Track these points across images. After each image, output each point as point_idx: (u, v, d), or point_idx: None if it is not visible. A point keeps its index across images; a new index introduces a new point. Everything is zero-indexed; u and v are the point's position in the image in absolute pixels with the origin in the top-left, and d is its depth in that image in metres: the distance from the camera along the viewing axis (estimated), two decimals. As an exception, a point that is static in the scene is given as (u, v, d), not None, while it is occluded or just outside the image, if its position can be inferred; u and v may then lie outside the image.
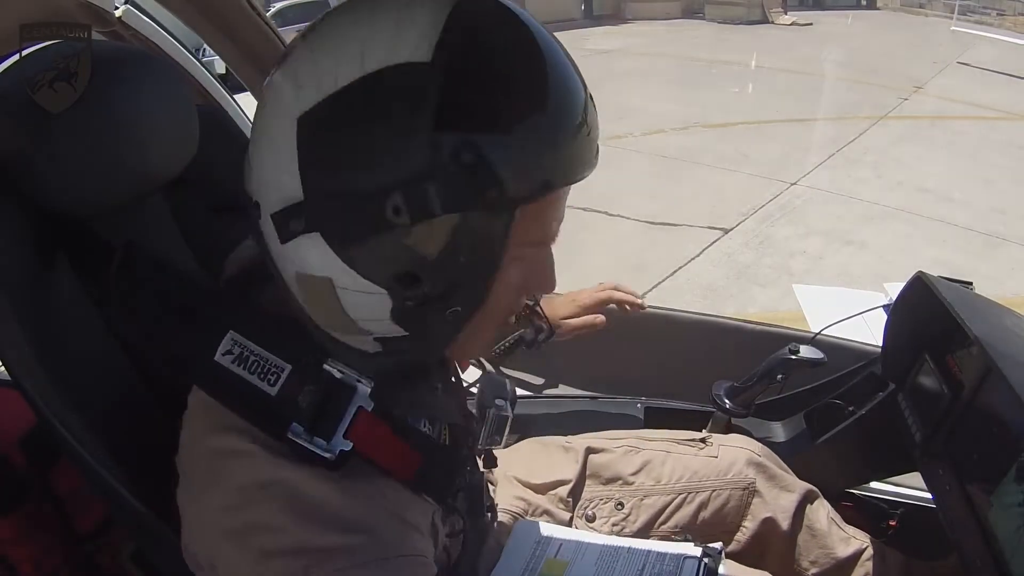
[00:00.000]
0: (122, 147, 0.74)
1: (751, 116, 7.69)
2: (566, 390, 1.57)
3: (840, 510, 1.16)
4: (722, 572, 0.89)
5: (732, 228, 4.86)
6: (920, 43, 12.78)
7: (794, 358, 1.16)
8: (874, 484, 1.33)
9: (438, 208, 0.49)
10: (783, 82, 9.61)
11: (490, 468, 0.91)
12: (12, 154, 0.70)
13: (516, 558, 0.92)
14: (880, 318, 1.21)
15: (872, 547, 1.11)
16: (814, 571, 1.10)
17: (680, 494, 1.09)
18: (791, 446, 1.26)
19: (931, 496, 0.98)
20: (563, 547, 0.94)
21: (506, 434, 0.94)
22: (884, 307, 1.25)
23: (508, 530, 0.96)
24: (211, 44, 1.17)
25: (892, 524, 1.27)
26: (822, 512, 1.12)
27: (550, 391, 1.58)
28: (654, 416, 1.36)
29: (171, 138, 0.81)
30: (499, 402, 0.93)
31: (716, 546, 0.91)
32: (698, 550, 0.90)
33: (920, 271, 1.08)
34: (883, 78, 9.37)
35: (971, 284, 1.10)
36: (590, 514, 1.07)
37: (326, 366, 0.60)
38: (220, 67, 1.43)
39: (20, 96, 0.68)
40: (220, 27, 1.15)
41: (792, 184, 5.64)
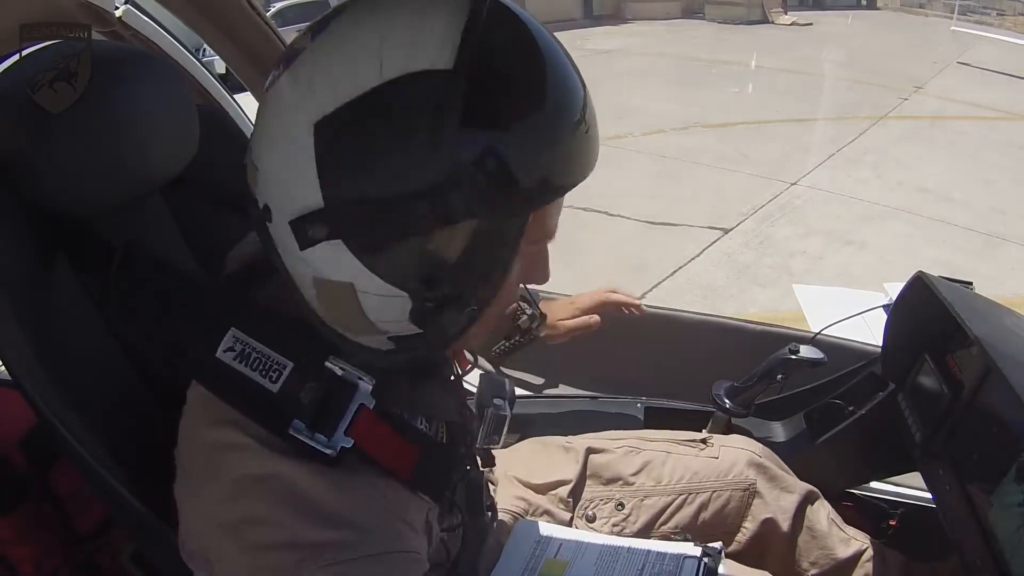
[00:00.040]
0: (122, 147, 0.74)
1: (751, 116, 7.69)
2: (566, 390, 1.57)
3: (840, 510, 1.16)
4: (722, 572, 0.89)
5: (732, 228, 4.86)
6: (920, 43, 12.78)
7: (794, 358, 1.16)
8: (874, 484, 1.32)
9: (462, 213, 0.51)
10: (783, 82, 9.61)
11: (488, 467, 0.91)
12: (12, 154, 0.70)
13: (516, 558, 0.92)
14: (880, 318, 1.21)
15: (872, 548, 1.11)
16: (814, 572, 1.10)
17: (680, 495, 1.09)
18: (791, 446, 1.26)
19: (931, 496, 0.98)
20: (563, 547, 0.94)
21: (504, 433, 0.94)
22: (884, 307, 1.25)
23: (508, 530, 0.96)
24: (211, 44, 1.17)
25: (892, 524, 1.27)
26: (822, 513, 1.12)
27: (550, 391, 1.58)
28: (654, 416, 1.36)
29: (171, 138, 0.80)
30: (497, 401, 0.94)
31: (716, 546, 0.91)
32: (698, 550, 0.90)
33: (920, 271, 1.08)
34: (883, 78, 9.37)
35: (971, 284, 1.10)
36: (590, 514, 1.07)
37: (328, 363, 0.60)
38: (220, 67, 1.43)
39: (20, 96, 0.68)
40: (220, 27, 1.15)
41: (792, 184, 5.64)
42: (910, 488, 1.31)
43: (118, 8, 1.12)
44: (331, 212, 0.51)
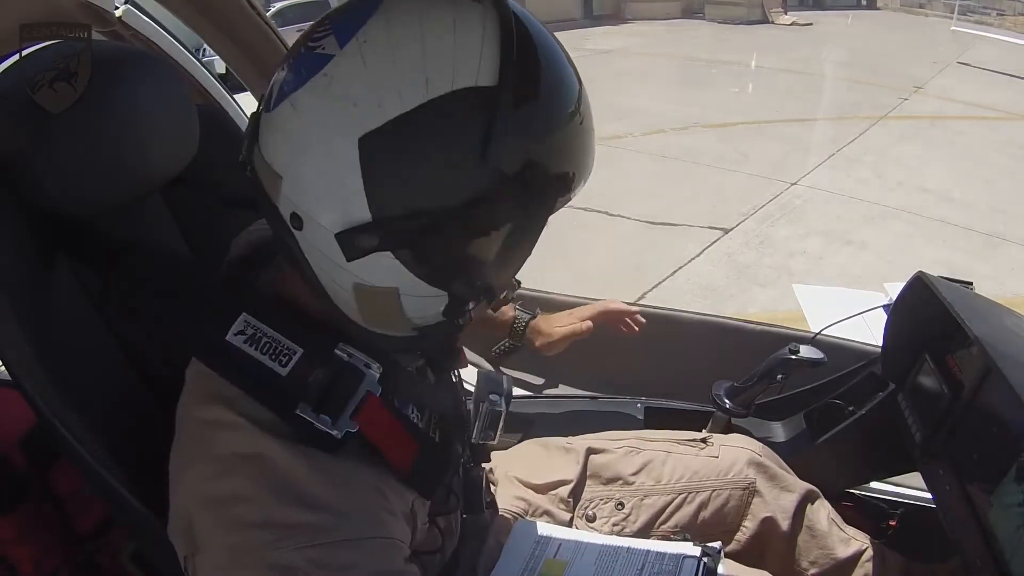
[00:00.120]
0: (122, 147, 0.74)
1: (751, 116, 7.69)
2: (566, 390, 1.57)
3: (840, 510, 1.16)
4: (721, 572, 0.89)
5: (732, 228, 4.85)
6: (920, 43, 12.78)
7: (794, 358, 1.17)
8: (874, 484, 1.32)
9: (506, 219, 0.55)
10: (783, 82, 9.61)
11: (480, 463, 0.92)
12: (12, 154, 0.70)
13: (515, 558, 0.92)
14: (880, 318, 1.21)
15: (872, 548, 1.11)
16: (813, 571, 1.10)
17: (680, 494, 1.09)
18: (791, 446, 1.26)
19: (931, 496, 0.98)
20: (562, 547, 0.94)
21: (500, 430, 0.95)
22: (884, 307, 1.25)
23: (508, 530, 0.96)
24: (211, 44, 1.17)
25: (892, 524, 1.27)
26: (822, 512, 1.12)
27: (550, 391, 1.58)
28: (654, 416, 1.37)
29: (171, 138, 0.81)
30: (493, 397, 0.94)
31: (715, 545, 0.91)
32: (697, 550, 0.90)
33: (920, 271, 1.08)
34: (883, 78, 9.37)
35: (971, 284, 1.10)
36: (590, 514, 1.07)
37: (337, 351, 0.61)
38: (220, 67, 1.43)
39: (20, 96, 0.68)
40: (220, 27, 1.15)
41: (792, 184, 5.64)
42: (910, 488, 1.31)
43: (118, 8, 1.12)
44: (380, 225, 0.53)
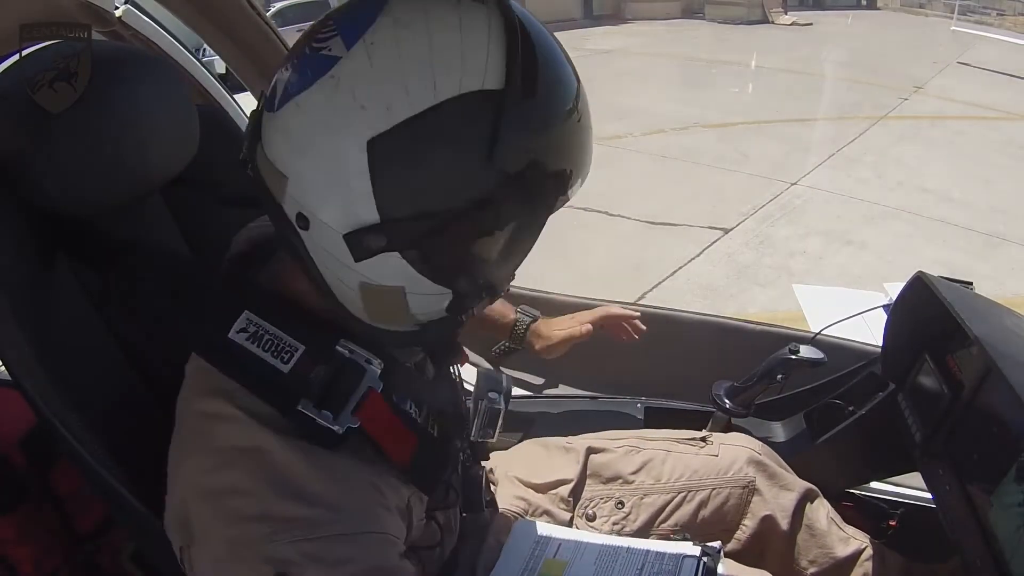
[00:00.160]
0: (122, 147, 0.74)
1: (751, 116, 7.69)
2: (566, 390, 1.57)
3: (840, 510, 1.16)
4: (720, 571, 0.89)
5: (732, 228, 4.85)
6: (920, 43, 12.77)
7: (794, 358, 1.17)
8: (874, 484, 1.32)
9: (510, 218, 0.56)
10: (783, 82, 9.61)
11: (480, 461, 0.92)
12: (12, 154, 0.70)
13: (515, 557, 0.92)
14: (880, 318, 1.21)
15: (872, 548, 1.11)
16: (813, 570, 1.10)
17: (680, 492, 1.09)
18: (791, 446, 1.26)
19: (931, 496, 0.98)
20: (562, 547, 0.94)
21: (499, 428, 0.95)
22: (884, 307, 1.25)
23: (508, 529, 0.96)
24: (211, 44, 1.17)
25: (892, 524, 1.27)
26: (822, 511, 1.12)
27: (550, 391, 1.58)
28: (654, 416, 1.37)
29: (171, 138, 0.81)
30: (492, 395, 0.95)
31: (715, 545, 0.91)
32: (697, 549, 0.90)
33: (920, 271, 1.08)
34: (883, 78, 9.37)
35: (971, 284, 1.10)
36: (590, 513, 1.07)
37: (338, 347, 0.62)
38: (220, 67, 1.43)
39: (20, 96, 0.68)
40: (220, 27, 1.15)
41: (792, 184, 5.64)
42: (910, 488, 1.31)
43: (118, 8, 1.12)
44: (388, 226, 0.54)
